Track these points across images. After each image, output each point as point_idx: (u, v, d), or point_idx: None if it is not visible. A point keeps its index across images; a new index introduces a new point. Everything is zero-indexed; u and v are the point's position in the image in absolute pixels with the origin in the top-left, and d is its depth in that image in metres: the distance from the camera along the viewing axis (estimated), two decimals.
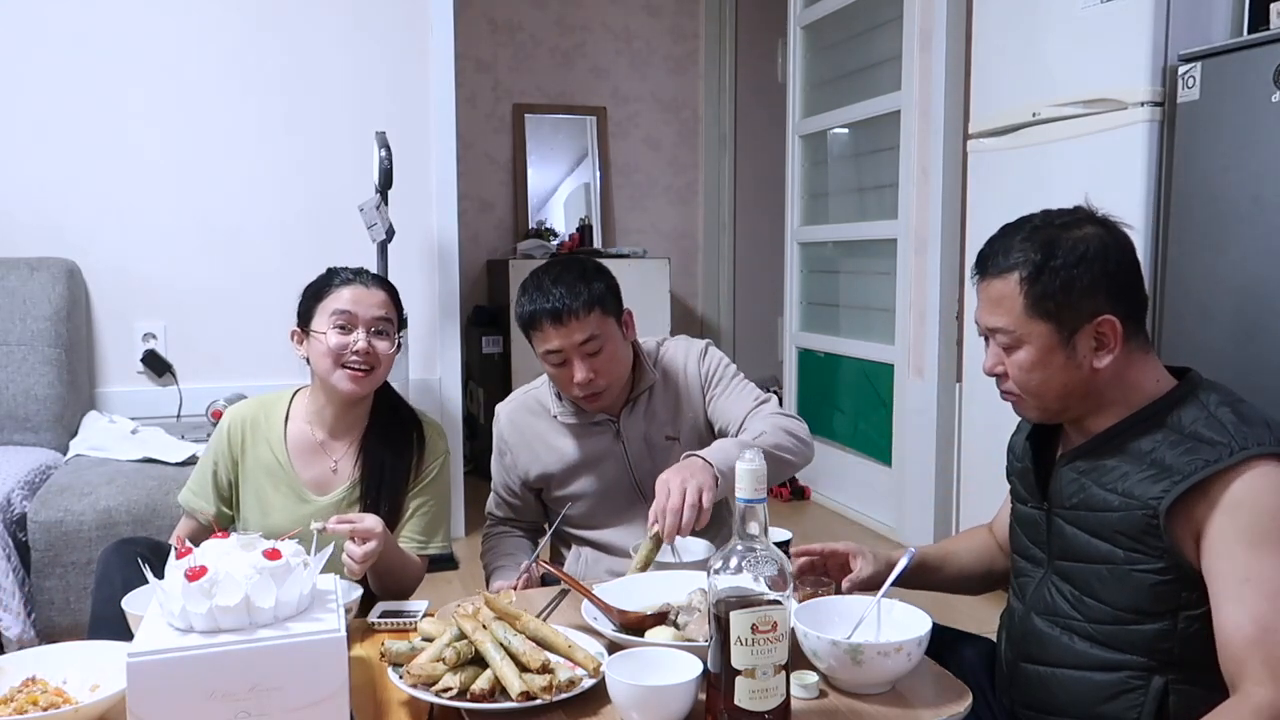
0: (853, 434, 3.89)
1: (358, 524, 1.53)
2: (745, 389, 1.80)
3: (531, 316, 1.69)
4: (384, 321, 1.73)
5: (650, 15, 5.04)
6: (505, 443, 1.86)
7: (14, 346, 2.81)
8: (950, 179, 3.21)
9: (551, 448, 1.82)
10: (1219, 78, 2.08)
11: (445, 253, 3.46)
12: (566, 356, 1.68)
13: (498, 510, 1.92)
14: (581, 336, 1.66)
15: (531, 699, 1.13)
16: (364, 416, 1.78)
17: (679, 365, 1.84)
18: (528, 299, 1.71)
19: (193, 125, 3.19)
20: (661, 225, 5.16)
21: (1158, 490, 1.18)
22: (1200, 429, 1.20)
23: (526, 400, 1.87)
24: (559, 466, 1.81)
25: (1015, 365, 1.29)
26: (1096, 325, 1.24)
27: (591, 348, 1.68)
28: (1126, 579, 1.22)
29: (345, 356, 1.68)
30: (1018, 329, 1.27)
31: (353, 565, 1.52)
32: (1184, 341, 2.15)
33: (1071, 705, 1.28)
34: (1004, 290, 1.27)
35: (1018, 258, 1.26)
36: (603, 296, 1.70)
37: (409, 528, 1.76)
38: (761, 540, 1.07)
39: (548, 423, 1.83)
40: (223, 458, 1.78)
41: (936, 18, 3.23)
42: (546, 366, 1.74)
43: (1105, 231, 1.27)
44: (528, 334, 1.73)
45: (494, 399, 4.35)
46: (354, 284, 1.74)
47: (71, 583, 2.35)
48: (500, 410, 1.89)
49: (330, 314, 1.70)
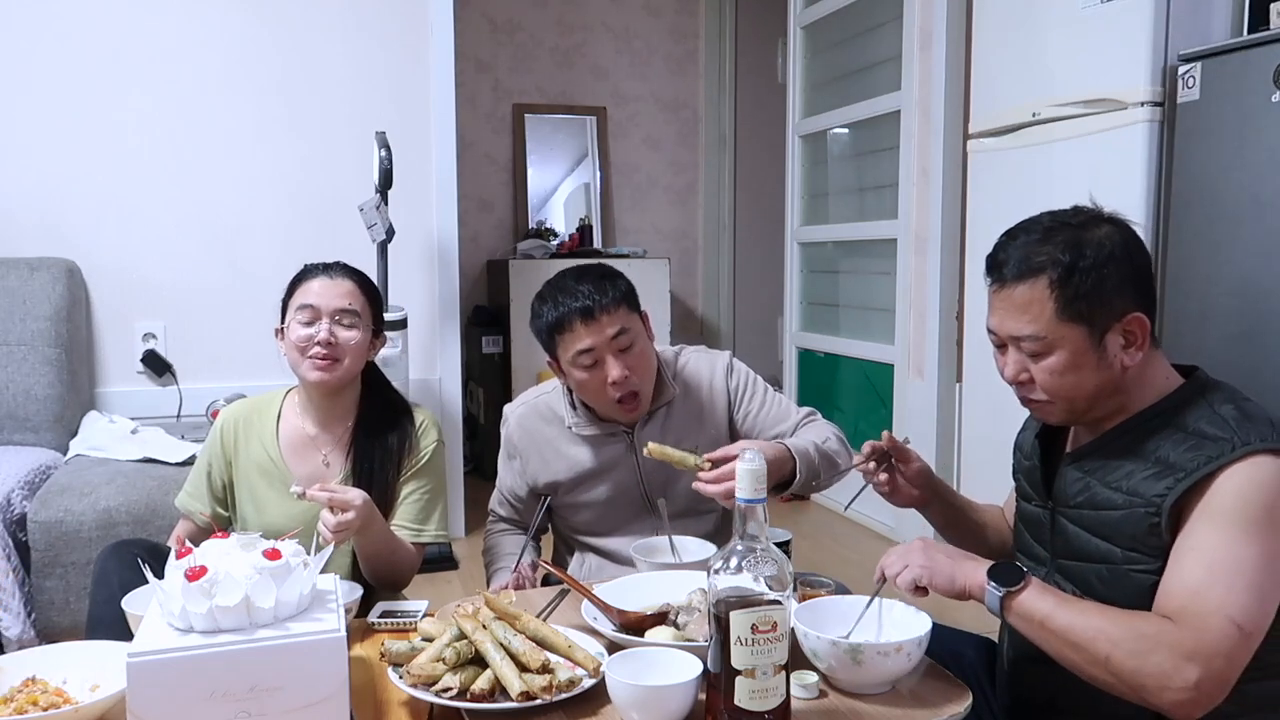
0: (853, 434, 3.86)
1: (338, 494, 1.51)
2: (781, 400, 1.83)
3: (560, 319, 1.65)
4: (347, 313, 1.71)
5: (650, 15, 5.04)
6: (515, 447, 1.84)
7: (14, 346, 2.81)
8: (950, 179, 3.21)
9: (563, 456, 1.79)
10: (1219, 78, 2.08)
11: (445, 253, 3.46)
12: (599, 355, 1.65)
13: (500, 509, 1.91)
14: (613, 330, 1.64)
15: (531, 699, 1.13)
16: (352, 408, 1.78)
17: (702, 379, 1.81)
18: (550, 305, 1.67)
19: (193, 125, 3.19)
20: (661, 225, 5.16)
21: (1161, 488, 1.18)
22: (1204, 426, 1.20)
23: (538, 405, 1.83)
24: (569, 475, 1.79)
25: (1045, 371, 1.25)
26: (1125, 324, 1.22)
27: (623, 342, 1.65)
28: (1124, 579, 1.22)
29: (309, 348, 1.69)
30: (1049, 334, 1.22)
31: (325, 534, 1.49)
32: (1184, 341, 2.15)
33: (1073, 703, 1.27)
34: (1031, 295, 1.23)
35: (1043, 260, 1.22)
36: (629, 292, 1.70)
37: (401, 514, 1.75)
38: (761, 540, 1.07)
39: (560, 431, 1.79)
40: (216, 459, 1.78)
41: (936, 18, 3.23)
42: (575, 373, 1.68)
43: (1121, 229, 1.26)
44: (553, 339, 1.68)
45: (494, 399, 4.40)
46: (321, 276, 1.74)
47: (71, 583, 2.35)
48: (509, 413, 1.86)
49: (297, 308, 1.72)
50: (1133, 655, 1.09)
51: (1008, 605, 1.17)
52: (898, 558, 1.27)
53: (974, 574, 1.21)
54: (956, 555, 1.25)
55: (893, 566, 1.26)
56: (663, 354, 1.82)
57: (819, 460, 1.64)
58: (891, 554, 1.28)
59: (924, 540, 1.29)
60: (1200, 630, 1.08)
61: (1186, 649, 1.07)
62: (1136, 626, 1.11)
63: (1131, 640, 1.10)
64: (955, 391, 3.24)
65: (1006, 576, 1.18)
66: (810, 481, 1.63)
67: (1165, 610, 1.13)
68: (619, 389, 1.66)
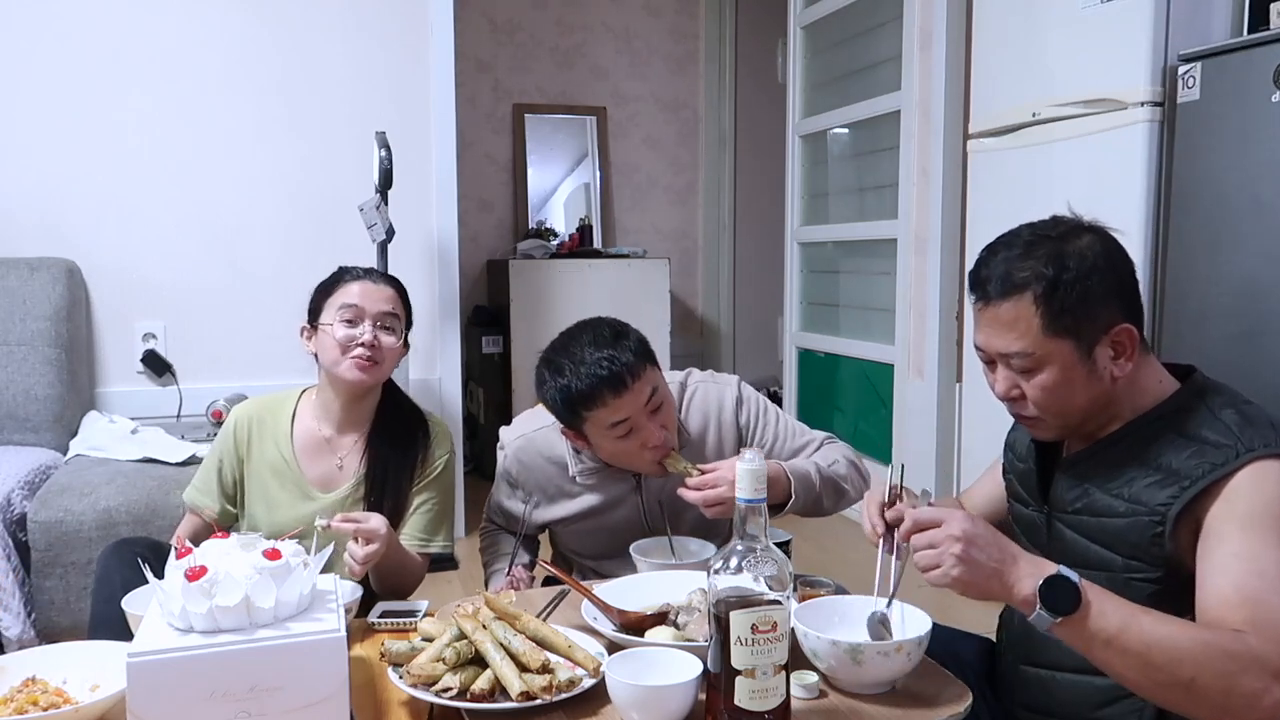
0: (853, 434, 3.89)
1: (362, 524, 1.53)
2: (795, 428, 1.75)
3: (587, 394, 1.52)
4: (390, 317, 1.74)
5: (650, 15, 5.04)
6: (514, 478, 1.78)
7: (14, 346, 2.81)
8: (950, 179, 3.21)
9: (565, 495, 1.75)
10: (1219, 78, 2.08)
11: (445, 253, 3.46)
12: (635, 424, 1.55)
13: (497, 518, 1.90)
14: (645, 395, 1.55)
15: (531, 699, 1.13)
16: (370, 413, 1.79)
17: (710, 414, 1.72)
18: (567, 379, 1.54)
19: (193, 125, 3.19)
20: (661, 225, 5.16)
21: (1165, 496, 1.17)
22: (1205, 432, 1.19)
23: (537, 441, 1.74)
24: (571, 514, 1.75)
25: (1036, 388, 1.23)
26: (1114, 335, 1.21)
27: (655, 403, 1.57)
28: (1124, 588, 1.20)
29: (351, 348, 1.70)
30: (1037, 350, 1.21)
31: (354, 566, 1.53)
32: (1184, 342, 2.15)
33: (1072, 709, 1.27)
34: (1016, 312, 1.21)
35: (1026, 276, 1.20)
36: (645, 347, 1.59)
37: (411, 525, 1.76)
38: (761, 540, 1.07)
39: (562, 475, 1.73)
40: (228, 456, 1.79)
41: (936, 18, 3.23)
42: (606, 445, 1.59)
43: (1102, 238, 1.24)
44: (578, 414, 1.56)
45: (494, 399, 4.40)
46: (363, 280, 1.77)
47: (71, 583, 2.34)
48: (507, 443, 1.78)
49: (338, 308, 1.72)
50: (1221, 677, 1.04)
51: (1061, 624, 1.07)
52: (930, 544, 1.11)
53: (1019, 586, 1.08)
54: (1003, 554, 1.10)
55: (924, 557, 1.11)
56: (670, 382, 1.71)
57: (820, 484, 1.61)
58: (923, 534, 1.12)
59: (965, 521, 1.10)
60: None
61: (1274, 666, 1.04)
62: (1220, 644, 1.05)
63: (1220, 660, 1.04)
64: (955, 391, 3.24)
65: (1061, 599, 1.06)
66: (809, 504, 1.60)
67: (1231, 621, 1.07)
68: (659, 452, 1.58)
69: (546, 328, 1.81)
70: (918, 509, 1.16)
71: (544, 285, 4.33)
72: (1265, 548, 1.10)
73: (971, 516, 1.12)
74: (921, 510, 1.15)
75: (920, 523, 1.13)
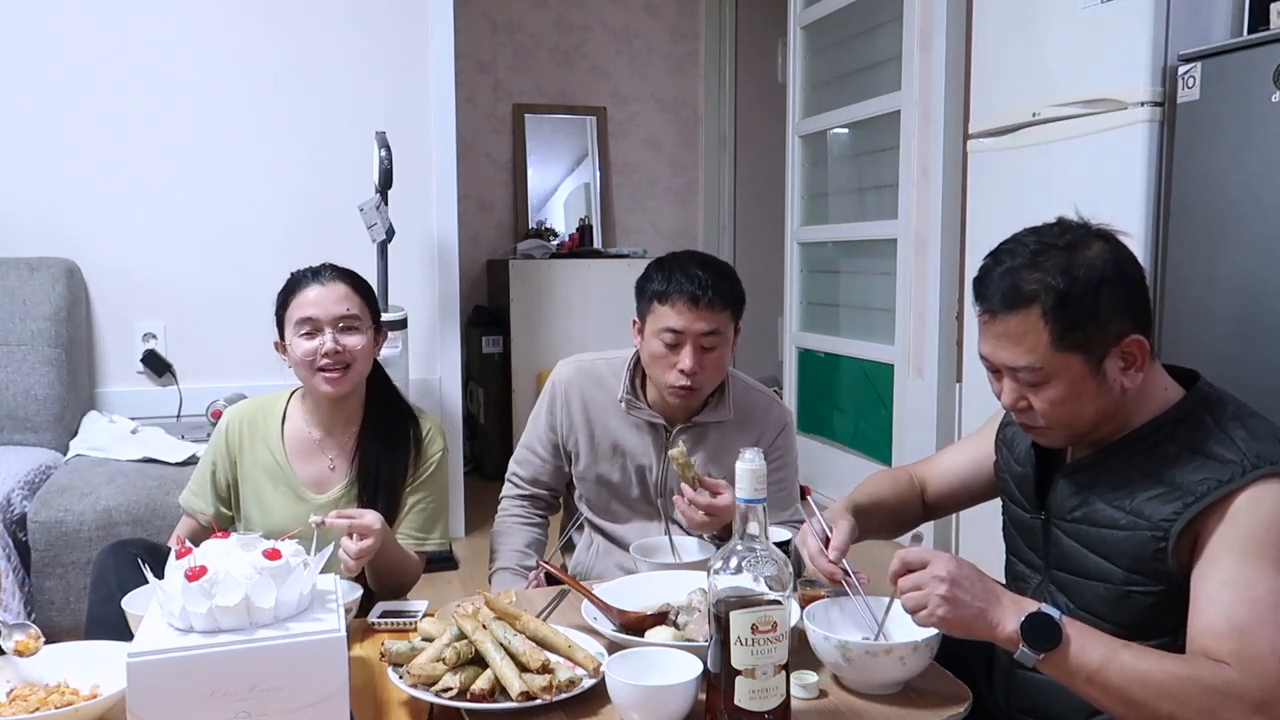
0: (852, 434, 3.89)
1: (356, 519, 1.53)
2: (794, 490, 1.83)
3: (667, 291, 1.68)
4: (349, 318, 1.71)
5: (650, 15, 5.04)
6: (557, 396, 1.85)
7: (14, 346, 2.81)
8: (950, 179, 3.21)
9: (599, 421, 1.82)
10: (1219, 78, 2.08)
11: (445, 253, 3.46)
12: (682, 340, 1.67)
13: (521, 470, 1.91)
14: (708, 327, 1.66)
15: (531, 699, 1.13)
16: (358, 412, 1.78)
17: (756, 417, 1.82)
18: (665, 274, 1.70)
19: (193, 125, 3.19)
20: (661, 225, 5.16)
21: (1168, 511, 1.16)
22: (1212, 447, 1.17)
23: (592, 368, 1.86)
24: (599, 441, 1.82)
25: (1045, 401, 1.20)
26: (1124, 347, 1.17)
27: (710, 342, 1.68)
28: (1124, 600, 1.20)
29: (316, 360, 1.68)
30: (1045, 365, 1.17)
31: (349, 561, 1.52)
32: (1184, 342, 2.15)
33: (1069, 714, 1.26)
34: (1024, 326, 1.17)
35: (1034, 289, 1.16)
36: (741, 301, 1.72)
37: (406, 524, 1.76)
38: (761, 540, 1.07)
39: (606, 399, 1.82)
40: (221, 458, 1.78)
41: (936, 18, 3.23)
42: (652, 343, 1.70)
43: (1112, 246, 1.20)
44: (651, 305, 1.71)
45: (494, 399, 4.40)
46: (313, 284, 1.72)
47: (71, 583, 2.34)
48: (563, 366, 1.88)
49: (295, 323, 1.70)
50: (1200, 712, 1.04)
51: (1045, 661, 1.10)
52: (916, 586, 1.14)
53: (1002, 624, 1.11)
54: (986, 594, 1.13)
55: (911, 599, 1.14)
56: (737, 374, 1.83)
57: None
58: (909, 576, 1.15)
59: (950, 563, 1.14)
60: (1263, 676, 1.05)
61: (1253, 700, 1.04)
62: (1198, 679, 1.06)
63: (1199, 696, 1.05)
64: (955, 391, 3.24)
65: (1042, 637, 1.09)
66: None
67: (1216, 653, 1.07)
68: (683, 378, 1.68)
69: (546, 328, 1.83)
70: (906, 550, 1.18)
71: (544, 285, 4.33)
72: (1259, 575, 1.09)
73: (956, 558, 1.15)
74: (909, 551, 1.17)
75: (908, 563, 1.16)
